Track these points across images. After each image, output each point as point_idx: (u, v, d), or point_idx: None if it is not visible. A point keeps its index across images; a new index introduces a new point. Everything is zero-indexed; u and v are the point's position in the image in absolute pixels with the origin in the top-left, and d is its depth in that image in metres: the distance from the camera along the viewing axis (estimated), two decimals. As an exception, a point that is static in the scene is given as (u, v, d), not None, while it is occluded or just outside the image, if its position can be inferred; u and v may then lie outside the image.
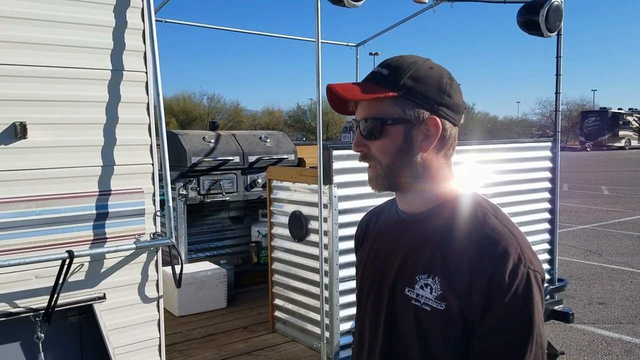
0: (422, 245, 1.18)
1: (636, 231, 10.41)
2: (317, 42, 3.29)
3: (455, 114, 1.17)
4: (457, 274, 1.09)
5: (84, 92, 2.48)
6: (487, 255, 1.07)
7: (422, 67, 1.15)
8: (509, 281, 1.05)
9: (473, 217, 1.15)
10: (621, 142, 42.67)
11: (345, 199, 3.37)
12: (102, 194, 2.51)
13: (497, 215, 1.16)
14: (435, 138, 1.15)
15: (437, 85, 1.14)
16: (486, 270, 1.06)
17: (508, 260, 1.06)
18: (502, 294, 1.05)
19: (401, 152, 1.16)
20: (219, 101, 53.55)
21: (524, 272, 1.06)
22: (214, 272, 4.52)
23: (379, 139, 1.16)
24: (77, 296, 2.50)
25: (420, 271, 1.15)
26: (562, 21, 4.36)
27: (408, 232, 1.23)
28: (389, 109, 1.15)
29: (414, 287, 1.15)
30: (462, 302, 1.08)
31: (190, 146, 4.84)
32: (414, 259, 1.18)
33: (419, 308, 1.13)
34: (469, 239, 1.11)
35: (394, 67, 1.16)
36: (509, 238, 1.10)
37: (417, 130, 1.15)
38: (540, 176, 4.60)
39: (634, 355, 4.99)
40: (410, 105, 1.14)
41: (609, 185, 18.05)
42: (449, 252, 1.12)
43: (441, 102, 1.15)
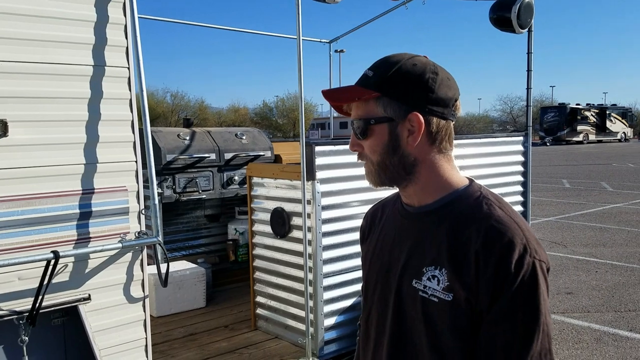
0: (428, 237, 1.20)
1: (598, 222, 10.76)
2: (298, 39, 3.29)
3: (442, 108, 1.19)
4: (464, 265, 1.11)
5: (66, 88, 2.41)
6: (493, 246, 1.10)
7: (405, 65, 1.18)
8: (515, 271, 1.07)
9: (478, 209, 1.17)
10: (579, 136, 43.98)
11: (329, 195, 3.38)
12: (86, 193, 2.45)
13: (502, 207, 1.18)
14: (419, 134, 1.17)
15: (417, 81, 1.17)
16: (492, 261, 1.09)
17: (514, 251, 1.08)
18: (509, 284, 1.07)
19: (388, 150, 1.19)
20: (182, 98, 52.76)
21: (530, 261, 1.09)
22: (192, 271, 4.47)
23: (368, 138, 1.21)
24: (61, 297, 2.43)
25: (428, 263, 1.17)
26: (533, 18, 4.47)
27: (413, 224, 1.25)
28: (373, 109, 1.19)
29: (421, 279, 1.17)
30: (469, 293, 1.10)
31: (165, 144, 4.76)
32: (420, 251, 1.21)
33: (427, 299, 1.15)
34: (475, 230, 1.13)
35: (377, 67, 1.20)
36: (514, 229, 1.12)
37: (401, 127, 1.18)
38: (512, 170, 4.71)
39: (603, 342, 5.16)
40: (393, 103, 1.17)
41: (569, 178, 18.60)
42: (455, 243, 1.15)
43: (423, 98, 1.17)
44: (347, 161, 3.44)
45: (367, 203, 3.44)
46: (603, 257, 8.20)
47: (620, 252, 8.40)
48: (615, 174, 19.75)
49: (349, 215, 3.48)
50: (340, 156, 3.44)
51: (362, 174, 1.31)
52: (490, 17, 4.50)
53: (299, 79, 3.27)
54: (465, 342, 1.13)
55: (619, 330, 5.39)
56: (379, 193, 1.52)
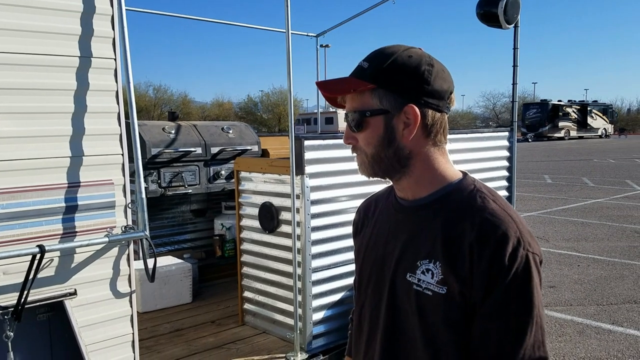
0: (422, 231, 1.20)
1: (579, 217, 10.91)
2: (287, 32, 3.26)
3: (437, 100, 1.18)
4: (458, 258, 1.12)
5: (51, 79, 2.36)
6: (487, 239, 1.10)
7: (401, 57, 1.17)
8: (509, 264, 1.08)
9: (472, 202, 1.18)
10: (561, 132, 44.54)
11: (318, 189, 3.37)
12: (71, 186, 2.41)
13: (496, 200, 1.19)
14: (415, 126, 1.17)
15: (413, 73, 1.16)
16: (486, 254, 1.09)
17: (508, 244, 1.09)
18: (502, 277, 1.08)
19: (383, 142, 1.19)
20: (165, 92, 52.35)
21: (523, 254, 1.09)
22: (178, 266, 4.43)
23: (363, 131, 1.20)
24: (46, 292, 2.39)
25: (422, 257, 1.17)
26: (519, 13, 4.49)
27: (408, 218, 1.25)
28: (369, 100, 1.18)
29: (416, 273, 1.17)
30: (463, 286, 1.11)
31: (150, 137, 4.69)
32: (415, 245, 1.20)
33: (421, 293, 1.16)
34: (469, 223, 1.13)
35: (373, 59, 1.19)
36: (508, 222, 1.13)
37: (397, 119, 1.17)
38: (498, 165, 4.74)
39: (585, 335, 5.24)
40: (388, 95, 1.16)
41: (551, 174, 18.83)
42: (450, 237, 1.15)
43: (419, 90, 1.16)
44: (337, 155, 3.43)
45: (356, 197, 3.43)
46: (585, 251, 8.31)
47: (602, 246, 8.53)
48: (597, 170, 20.04)
49: (338, 210, 3.47)
50: (329, 150, 3.43)
51: (352, 168, 1.31)
52: (477, 13, 4.51)
53: (288, 72, 3.25)
54: (459, 335, 1.14)
55: (601, 323, 5.48)
56: (368, 187, 1.52)
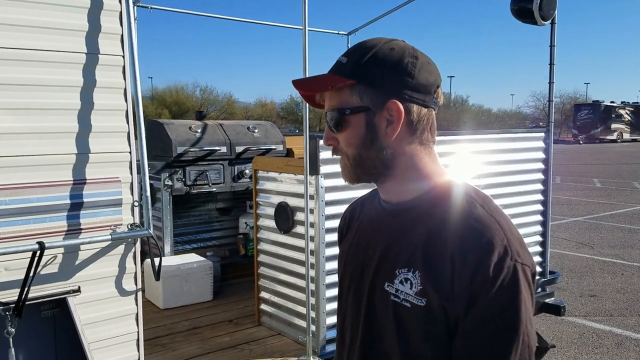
0: (403, 237, 1.11)
1: (627, 224, 10.42)
2: (304, 29, 3.19)
3: (423, 95, 1.09)
4: (439, 268, 1.02)
5: (57, 75, 2.37)
6: (470, 247, 1.00)
7: (382, 50, 1.09)
8: (494, 275, 0.97)
9: (458, 207, 1.07)
10: (613, 135, 42.82)
11: (333, 190, 3.29)
12: (77, 183, 2.41)
13: (485, 205, 1.08)
14: (398, 123, 1.08)
15: (395, 66, 1.07)
16: (469, 264, 0.99)
17: (493, 253, 0.99)
18: (486, 290, 0.97)
19: (365, 142, 1.10)
20: (211, 93, 53.23)
21: (510, 265, 0.99)
22: (199, 264, 4.42)
23: (343, 131, 1.11)
24: (50, 289, 2.40)
25: (401, 265, 1.08)
26: (556, 9, 4.28)
27: (389, 223, 1.15)
28: (348, 98, 1.09)
29: (394, 282, 1.08)
30: (443, 298, 1.01)
31: (176, 136, 4.72)
32: (394, 251, 1.11)
33: (398, 304, 1.06)
34: (452, 230, 1.04)
35: (352, 53, 1.11)
36: (494, 229, 1.02)
37: (379, 117, 1.09)
38: (532, 167, 4.53)
39: (624, 347, 4.96)
40: (369, 91, 1.08)
41: (601, 178, 18.08)
42: (431, 244, 1.05)
43: (402, 84, 1.07)
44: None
45: (372, 199, 3.32)
46: (631, 259, 7.92)
47: (649, 255, 8.10)
48: (649, 174, 19.12)
49: (354, 211, 3.37)
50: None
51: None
52: (511, 9, 4.32)
53: (304, 70, 3.18)
54: (439, 351, 1.04)
55: (642, 336, 5.18)
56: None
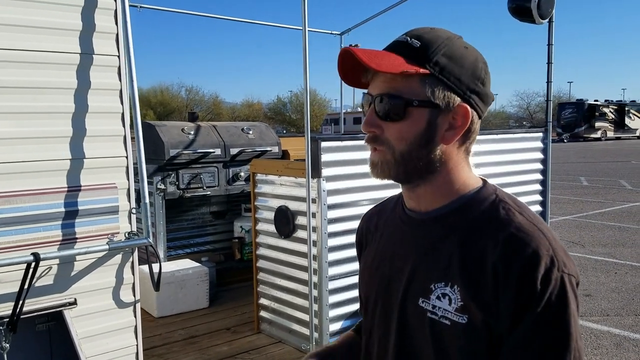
0: (436, 248, 1.02)
1: (617, 222, 10.46)
2: (304, 30, 3.10)
3: (483, 105, 1.02)
4: (480, 281, 0.94)
5: (50, 77, 2.25)
6: (514, 258, 0.92)
7: (457, 46, 1.00)
8: (542, 288, 0.90)
9: (494, 214, 1.00)
10: (597, 133, 43.27)
11: (335, 193, 3.20)
12: (71, 190, 2.29)
13: (522, 211, 1.00)
14: (461, 130, 1.00)
15: (472, 68, 0.99)
16: (514, 277, 0.91)
17: (539, 264, 0.91)
18: (534, 304, 0.90)
19: (421, 141, 0.99)
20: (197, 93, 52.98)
21: (558, 276, 0.92)
22: (195, 270, 4.31)
23: (398, 122, 0.99)
24: (45, 302, 2.28)
25: (436, 279, 0.99)
26: (554, 7, 4.24)
27: (419, 232, 1.07)
28: (417, 88, 0.97)
29: (429, 298, 0.99)
30: (487, 314, 0.93)
31: (169, 138, 4.61)
32: (427, 264, 1.02)
33: (437, 322, 0.98)
34: (492, 239, 0.96)
35: (426, 39, 0.99)
36: (539, 238, 0.94)
37: (443, 117, 0.99)
38: (531, 167, 4.49)
39: (623, 348, 4.93)
40: (442, 87, 0.97)
41: (587, 176, 18.21)
42: (469, 256, 0.97)
43: (474, 90, 0.99)
44: (355, 158, 3.25)
45: (375, 202, 3.24)
46: (623, 257, 7.93)
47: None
48: (635, 172, 19.31)
49: (357, 215, 3.27)
50: (347, 152, 3.25)
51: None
52: (509, 7, 4.27)
53: (305, 70, 3.09)
54: None
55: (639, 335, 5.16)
56: (388, 192, 1.32)
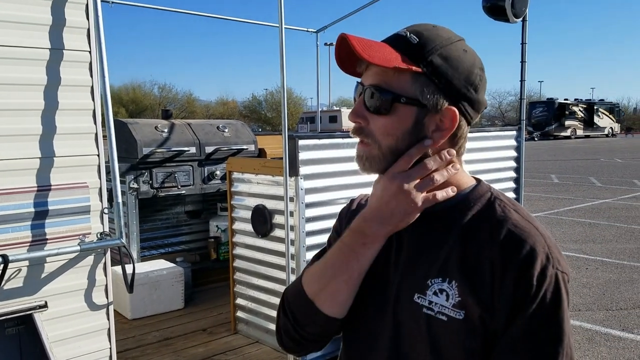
0: (432, 244, 1.02)
1: (587, 218, 10.69)
2: (281, 26, 3.07)
3: (474, 112, 1.01)
4: (478, 277, 0.94)
5: (19, 73, 2.17)
6: (512, 255, 0.93)
7: (456, 48, 0.98)
8: (537, 285, 0.92)
9: (491, 211, 1.00)
10: (567, 131, 44.19)
11: (313, 192, 3.18)
12: (41, 190, 2.22)
13: (518, 210, 1.01)
14: (448, 133, 0.99)
15: (467, 73, 0.98)
16: (511, 273, 0.92)
17: (536, 261, 0.92)
18: (530, 300, 0.92)
19: (407, 138, 0.98)
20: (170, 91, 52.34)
21: (553, 273, 0.93)
22: (169, 270, 4.24)
23: (385, 116, 0.98)
24: (14, 305, 2.21)
25: (433, 274, 0.99)
26: (527, 7, 4.29)
27: (415, 228, 1.05)
28: (407, 85, 0.96)
29: (426, 293, 0.99)
30: (484, 310, 0.93)
31: (142, 136, 4.52)
32: (424, 260, 1.02)
33: (433, 317, 0.97)
34: (489, 236, 0.96)
35: (425, 37, 0.98)
36: (535, 235, 0.95)
37: (430, 118, 0.98)
38: (505, 165, 4.54)
39: (595, 342, 5.02)
40: (432, 88, 0.96)
41: (558, 173, 18.58)
42: (468, 252, 0.97)
43: (465, 95, 0.98)
44: (333, 156, 3.23)
45: (353, 200, 3.23)
46: (593, 253, 8.09)
47: (610, 248, 8.31)
48: (604, 169, 19.77)
49: (335, 214, 3.25)
50: (325, 150, 3.23)
51: (349, 169, 1.09)
52: (483, 6, 4.31)
53: (281, 67, 3.05)
54: None
55: (610, 329, 5.26)
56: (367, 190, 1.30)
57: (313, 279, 1.09)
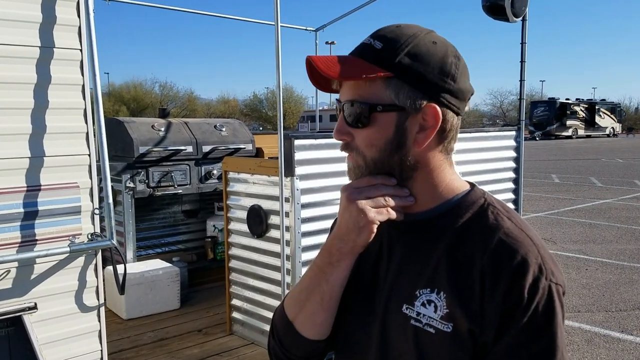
0: (420, 252, 0.98)
1: (587, 218, 10.65)
2: (277, 25, 3.03)
3: (459, 102, 0.97)
4: (467, 288, 0.91)
5: (9, 72, 2.14)
6: (503, 265, 0.90)
7: (423, 42, 0.95)
8: (529, 297, 0.88)
9: (483, 219, 0.96)
10: (569, 131, 44.12)
11: (309, 192, 3.15)
12: (31, 190, 2.19)
13: (512, 217, 0.97)
14: (433, 130, 0.95)
15: (440, 65, 0.94)
16: (502, 284, 0.88)
17: (528, 272, 0.88)
18: (520, 313, 0.88)
19: (391, 146, 0.95)
20: (171, 89, 52.33)
21: (546, 285, 0.89)
22: (165, 270, 4.21)
23: (366, 128, 0.95)
24: (3, 307, 2.18)
25: (422, 285, 0.95)
26: (527, 6, 4.26)
27: (402, 235, 1.02)
28: (380, 92, 0.93)
29: (414, 304, 0.95)
30: (472, 323, 0.90)
31: (138, 135, 4.49)
32: (412, 269, 0.98)
33: (421, 330, 0.94)
34: (480, 244, 0.93)
35: (389, 39, 0.94)
36: (527, 245, 0.91)
37: (412, 120, 0.94)
38: (504, 166, 4.51)
39: (594, 344, 4.99)
40: (406, 89, 0.93)
41: (559, 173, 18.54)
42: (455, 261, 0.93)
43: (443, 87, 0.94)
44: (329, 156, 3.20)
45: (349, 201, 3.20)
46: (593, 254, 8.06)
47: (611, 249, 8.27)
48: (605, 169, 19.73)
49: (331, 215, 3.23)
50: (321, 150, 3.20)
51: (345, 169, 1.06)
52: (482, 5, 4.27)
53: (277, 66, 3.02)
54: None
55: (610, 331, 5.22)
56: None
57: (291, 301, 1.07)
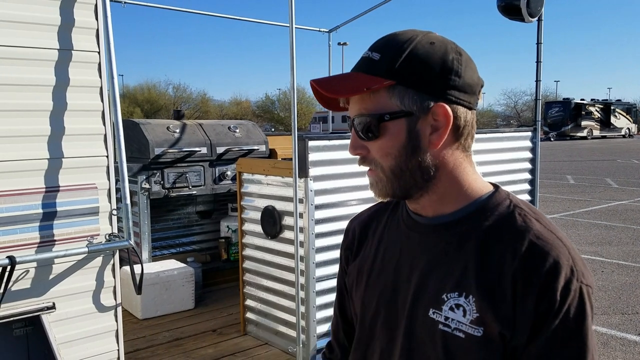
0: (446, 256, 0.97)
1: (603, 220, 10.52)
2: (291, 27, 3.04)
3: (469, 96, 0.96)
4: (498, 291, 0.90)
5: (28, 74, 2.17)
6: (535, 268, 0.89)
7: (421, 44, 0.94)
8: (561, 300, 0.87)
9: (511, 221, 0.95)
10: (584, 132, 43.65)
11: (322, 193, 3.15)
12: (50, 191, 2.22)
13: (540, 219, 0.96)
14: (446, 129, 0.94)
15: (441, 64, 0.93)
16: (534, 288, 0.88)
17: (560, 275, 0.88)
18: (553, 315, 0.87)
19: (406, 151, 0.95)
20: (185, 90, 52.61)
21: (577, 287, 0.88)
22: (180, 271, 4.24)
23: (378, 139, 0.95)
24: (22, 306, 2.20)
25: (450, 289, 0.94)
26: (543, 6, 4.22)
27: (427, 238, 1.01)
28: (385, 101, 0.93)
29: (441, 309, 0.94)
30: (504, 327, 0.89)
31: (153, 136, 4.52)
32: (439, 273, 0.97)
33: (449, 334, 0.93)
34: (511, 247, 0.92)
35: (386, 49, 0.95)
36: (559, 247, 0.91)
37: (422, 122, 0.94)
38: (520, 167, 4.47)
39: (610, 347, 4.94)
40: (410, 93, 0.93)
41: (574, 174, 18.34)
42: (484, 265, 0.92)
43: (448, 85, 0.94)
44: (343, 157, 3.20)
45: (363, 202, 3.20)
46: (609, 256, 7.96)
47: (627, 251, 8.16)
48: (620, 170, 19.49)
49: (345, 215, 3.23)
50: (335, 152, 3.20)
51: (359, 170, 1.06)
52: (498, 5, 4.24)
53: (292, 67, 3.03)
54: None
55: (626, 334, 5.16)
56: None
57: None
